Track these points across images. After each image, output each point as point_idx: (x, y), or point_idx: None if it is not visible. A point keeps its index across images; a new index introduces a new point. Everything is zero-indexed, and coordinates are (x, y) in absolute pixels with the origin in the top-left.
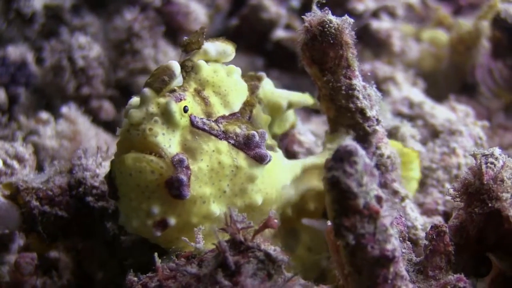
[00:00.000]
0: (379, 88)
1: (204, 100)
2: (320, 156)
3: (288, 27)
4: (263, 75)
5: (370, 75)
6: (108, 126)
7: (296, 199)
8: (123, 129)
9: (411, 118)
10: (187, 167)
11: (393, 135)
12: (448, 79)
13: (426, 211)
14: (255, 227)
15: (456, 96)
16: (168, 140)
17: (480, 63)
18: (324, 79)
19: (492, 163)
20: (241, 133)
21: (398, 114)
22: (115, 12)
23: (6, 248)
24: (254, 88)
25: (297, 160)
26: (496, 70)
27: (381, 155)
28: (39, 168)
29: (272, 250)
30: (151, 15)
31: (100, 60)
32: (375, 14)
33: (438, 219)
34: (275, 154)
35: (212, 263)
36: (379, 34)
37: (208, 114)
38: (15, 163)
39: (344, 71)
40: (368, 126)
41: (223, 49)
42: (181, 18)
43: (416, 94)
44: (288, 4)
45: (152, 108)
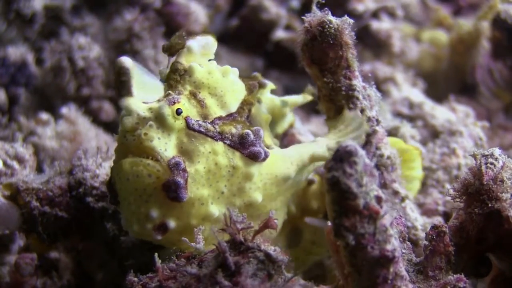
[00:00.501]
0: (379, 89)
1: (200, 103)
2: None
3: (288, 27)
4: (266, 84)
5: (370, 75)
6: (108, 126)
7: (304, 184)
8: (119, 135)
9: (411, 119)
10: (184, 170)
11: (393, 136)
12: (448, 79)
13: (426, 211)
14: (256, 226)
15: (456, 97)
16: (164, 143)
17: (480, 63)
18: (324, 79)
19: (492, 164)
20: (236, 133)
21: (398, 115)
22: (115, 12)
23: (6, 249)
24: (252, 87)
25: (304, 148)
26: (496, 70)
27: (381, 155)
28: (39, 169)
29: (272, 250)
30: (151, 15)
31: (100, 60)
32: (375, 15)
33: (438, 220)
34: (272, 151)
35: (212, 264)
36: (379, 35)
37: (204, 116)
38: (15, 164)
39: (344, 72)
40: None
41: (205, 41)
42: (181, 18)
43: (416, 94)
44: (288, 5)
45: (144, 112)
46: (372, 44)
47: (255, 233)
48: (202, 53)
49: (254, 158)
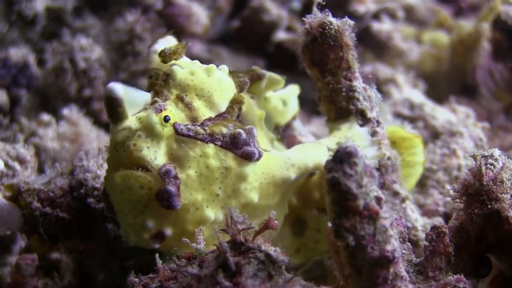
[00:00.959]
0: (379, 90)
1: (188, 106)
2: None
3: (289, 29)
4: (264, 74)
5: (371, 77)
6: (110, 128)
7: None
8: (110, 147)
9: (411, 120)
10: (175, 177)
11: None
12: (449, 80)
13: (426, 212)
14: (255, 226)
15: (457, 98)
16: (153, 152)
17: (480, 64)
18: (324, 80)
19: (491, 165)
20: (227, 132)
21: (399, 116)
22: (117, 14)
23: (7, 250)
24: (242, 84)
25: (311, 153)
26: (496, 71)
27: None
28: (40, 170)
29: (273, 251)
30: (152, 17)
31: (102, 62)
32: (376, 16)
33: (438, 220)
34: (269, 152)
35: (213, 264)
36: (380, 36)
37: (193, 119)
38: (16, 165)
39: (345, 73)
40: (369, 128)
41: (167, 40)
42: (182, 20)
43: (417, 95)
44: (289, 6)
45: (134, 124)
46: (373, 45)
47: (255, 233)
48: (170, 52)
49: (248, 158)
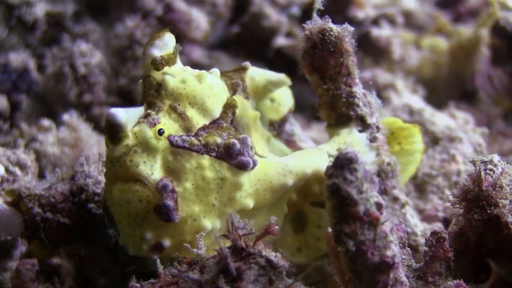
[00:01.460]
0: (379, 96)
1: (181, 116)
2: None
3: (289, 34)
4: (247, 65)
5: (371, 82)
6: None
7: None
8: (107, 161)
9: None
10: (173, 191)
11: None
12: (448, 86)
13: (426, 217)
14: (257, 232)
15: (456, 103)
16: (150, 167)
17: (479, 70)
18: (324, 86)
19: (491, 170)
20: (221, 143)
21: None
22: (117, 19)
23: (8, 255)
24: (235, 86)
25: (310, 160)
26: (495, 77)
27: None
28: (41, 175)
29: (273, 256)
30: (152, 22)
31: (102, 67)
32: (376, 22)
33: (438, 226)
34: (266, 159)
35: (214, 269)
36: (380, 42)
37: (187, 129)
38: (17, 170)
39: (345, 79)
40: (368, 134)
41: (163, 43)
42: (182, 25)
43: (416, 101)
44: (289, 12)
45: (130, 140)
46: (373, 51)
47: (256, 239)
48: (164, 55)
49: (243, 168)
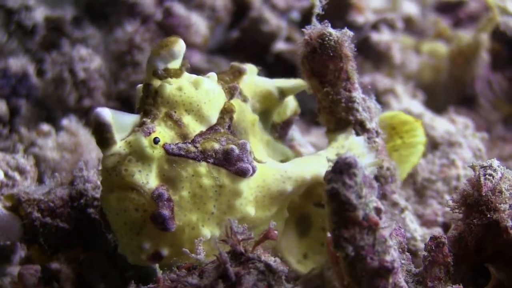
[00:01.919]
0: (379, 100)
1: (177, 123)
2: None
3: (288, 39)
4: (245, 69)
5: (370, 87)
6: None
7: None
8: (102, 170)
9: None
10: (169, 199)
11: None
12: (448, 91)
13: (425, 222)
14: (256, 237)
15: (456, 108)
16: (145, 176)
17: (479, 75)
18: (324, 91)
19: (490, 175)
20: (219, 149)
21: None
22: (116, 24)
23: (7, 260)
24: (232, 90)
25: (309, 165)
26: (495, 82)
27: (380, 166)
28: (40, 180)
29: (273, 261)
30: (152, 27)
31: (101, 72)
32: (375, 27)
33: (438, 230)
34: (264, 165)
35: (213, 274)
36: (379, 47)
37: (183, 136)
38: (16, 175)
39: (344, 84)
40: (367, 138)
41: (169, 54)
42: (182, 30)
43: (416, 106)
44: (288, 17)
45: (124, 149)
46: (372, 56)
47: (255, 244)
48: (169, 66)
49: (242, 174)
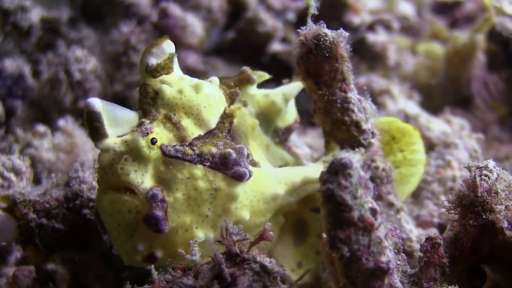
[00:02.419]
0: (374, 101)
1: (176, 125)
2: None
3: (284, 40)
4: (254, 79)
5: (366, 88)
6: None
7: (295, 204)
8: (99, 168)
9: None
10: (162, 200)
11: None
12: (444, 92)
13: (421, 223)
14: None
15: (452, 109)
16: (140, 176)
17: (475, 76)
18: (319, 92)
19: (486, 176)
20: (217, 152)
21: None
22: (112, 25)
23: (3, 261)
24: (234, 95)
25: (297, 170)
26: (491, 83)
27: (376, 167)
28: (36, 181)
29: (268, 262)
30: (147, 28)
31: (97, 73)
32: (371, 27)
33: (433, 231)
34: (257, 169)
35: (208, 275)
36: (375, 47)
37: (181, 139)
38: (12, 176)
39: (339, 85)
40: (363, 139)
41: (160, 51)
42: (177, 31)
43: (412, 107)
44: (284, 17)
45: (120, 147)
46: (368, 56)
47: (250, 244)
48: (160, 62)
49: (239, 178)
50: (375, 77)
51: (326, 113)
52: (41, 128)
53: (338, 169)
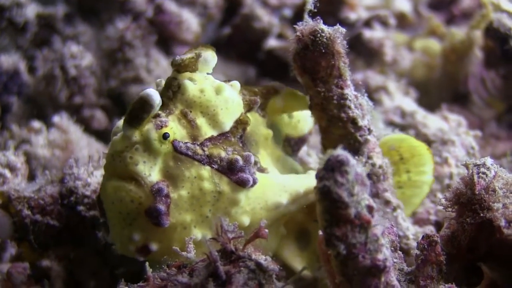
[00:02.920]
0: (371, 98)
1: (191, 123)
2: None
3: (280, 36)
4: (281, 89)
5: (362, 84)
6: (100, 135)
7: (296, 212)
8: (108, 152)
9: (403, 128)
10: (167, 196)
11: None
12: (441, 88)
13: (418, 220)
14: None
15: (449, 106)
16: (149, 168)
17: (472, 72)
18: (315, 88)
19: (484, 173)
20: (225, 157)
21: (390, 124)
22: (108, 21)
23: None
24: (252, 103)
25: (301, 179)
26: (488, 79)
27: (372, 164)
28: (31, 177)
29: (263, 259)
30: (143, 24)
31: (92, 69)
32: (368, 23)
33: (430, 229)
34: (264, 175)
35: (203, 273)
36: (372, 44)
37: (194, 137)
38: (7, 172)
39: (336, 81)
40: (359, 136)
41: (203, 58)
42: (173, 27)
43: (408, 103)
44: (280, 13)
45: (136, 137)
46: (365, 52)
47: (246, 242)
48: (202, 68)
49: (242, 184)
50: (371, 73)
51: (323, 109)
52: (36, 124)
53: (334, 166)
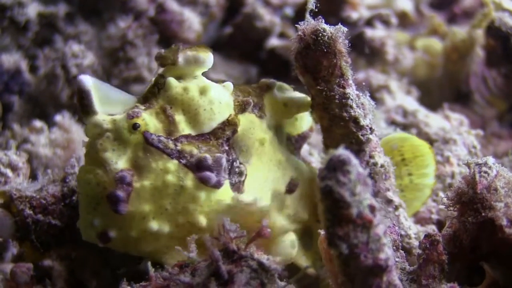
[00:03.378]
0: (373, 97)
1: (168, 118)
2: None
3: (282, 35)
4: (273, 83)
5: (364, 83)
6: None
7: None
8: (86, 142)
9: (405, 127)
10: (129, 184)
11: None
12: (442, 87)
13: (419, 220)
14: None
15: (450, 105)
16: (117, 156)
17: (474, 71)
18: (317, 88)
19: (485, 172)
20: (196, 154)
21: (392, 123)
22: (109, 20)
23: None
24: (245, 104)
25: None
26: (490, 78)
27: (374, 164)
28: (32, 177)
29: (265, 259)
30: (145, 23)
31: (94, 68)
32: (369, 23)
33: (432, 228)
34: (235, 195)
35: (205, 272)
36: (373, 43)
37: (169, 132)
38: (8, 172)
39: (338, 80)
40: (361, 135)
41: (193, 58)
42: (175, 26)
43: (410, 102)
44: (282, 12)
45: (107, 125)
46: (366, 52)
47: (248, 242)
48: (190, 68)
49: (205, 182)
50: (373, 72)
51: (324, 109)
52: (38, 123)
53: (336, 165)
